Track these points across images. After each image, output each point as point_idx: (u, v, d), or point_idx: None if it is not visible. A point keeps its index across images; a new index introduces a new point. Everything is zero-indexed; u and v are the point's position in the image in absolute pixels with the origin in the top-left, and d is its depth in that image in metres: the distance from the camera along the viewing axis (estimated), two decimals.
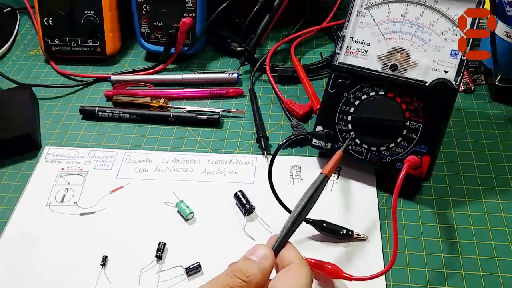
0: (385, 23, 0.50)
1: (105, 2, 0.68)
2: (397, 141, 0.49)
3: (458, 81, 0.47)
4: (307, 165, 0.54)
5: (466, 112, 0.59)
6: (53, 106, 0.65)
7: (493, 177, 0.51)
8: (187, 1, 0.66)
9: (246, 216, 0.49)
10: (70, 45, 0.70)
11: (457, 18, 0.47)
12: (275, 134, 0.58)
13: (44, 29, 0.70)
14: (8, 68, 0.72)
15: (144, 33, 0.69)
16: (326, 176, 0.42)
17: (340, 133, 0.52)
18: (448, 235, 0.47)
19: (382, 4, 0.50)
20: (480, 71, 0.63)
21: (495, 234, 0.46)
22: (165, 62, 0.69)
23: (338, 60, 0.52)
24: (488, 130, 0.57)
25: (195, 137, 0.59)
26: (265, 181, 0.48)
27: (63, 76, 0.70)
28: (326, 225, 0.47)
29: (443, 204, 0.49)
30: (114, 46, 0.71)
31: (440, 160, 0.53)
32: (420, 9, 0.49)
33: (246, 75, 0.67)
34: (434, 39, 0.48)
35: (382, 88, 0.50)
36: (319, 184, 0.41)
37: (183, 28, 0.66)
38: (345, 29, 0.51)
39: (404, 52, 0.49)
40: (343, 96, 0.51)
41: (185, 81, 0.66)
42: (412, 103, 0.48)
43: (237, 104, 0.63)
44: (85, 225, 0.50)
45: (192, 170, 0.54)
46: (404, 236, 0.47)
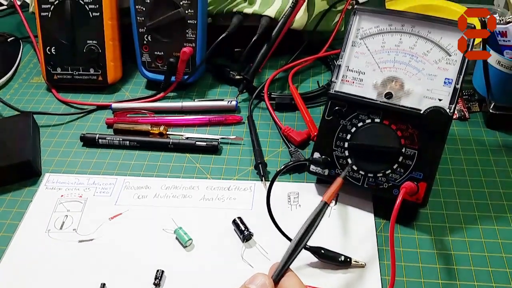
0: (380, 53, 0.51)
1: (107, 32, 0.70)
2: (394, 168, 0.50)
3: (452, 109, 0.48)
4: (305, 191, 0.55)
5: (462, 139, 0.60)
6: (54, 134, 0.65)
7: (489, 203, 0.52)
8: (188, 31, 0.68)
9: (244, 242, 0.50)
10: (72, 73, 0.72)
11: (450, 48, 0.49)
12: (273, 160, 0.59)
13: (46, 58, 0.72)
14: (10, 95, 0.73)
15: (145, 62, 0.71)
16: (326, 203, 0.42)
17: (337, 160, 0.52)
18: (445, 261, 0.47)
19: (376, 35, 0.51)
20: (474, 98, 0.65)
21: (493, 260, 0.46)
22: (165, 90, 0.70)
23: (334, 88, 0.53)
24: (483, 157, 0.57)
25: (194, 164, 0.59)
26: (263, 207, 0.48)
27: (65, 104, 0.71)
28: (324, 252, 0.47)
29: (440, 230, 0.50)
30: (115, 74, 0.72)
31: (436, 187, 0.53)
32: (413, 39, 0.50)
33: (245, 102, 0.69)
34: (427, 68, 0.49)
35: (378, 115, 0.51)
36: (319, 211, 0.41)
37: (184, 57, 0.68)
38: (341, 58, 0.53)
39: (398, 81, 0.50)
40: (340, 123, 0.52)
41: (185, 109, 0.67)
42: (407, 130, 0.49)
43: (236, 131, 0.64)
44: (84, 252, 0.50)
45: (191, 197, 0.55)
46: (402, 263, 0.47)
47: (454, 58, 0.48)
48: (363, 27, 0.52)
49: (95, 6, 0.69)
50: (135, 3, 0.68)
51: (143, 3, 0.68)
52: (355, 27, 0.52)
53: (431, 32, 0.49)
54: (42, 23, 0.70)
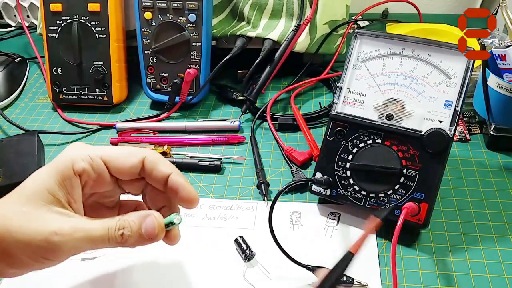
0: (380, 75, 0.52)
1: (113, 54, 0.71)
2: (395, 188, 0.50)
3: (452, 131, 0.49)
4: (307, 211, 0.55)
5: (463, 160, 0.60)
6: (59, 152, 0.64)
7: (491, 224, 0.52)
8: (192, 53, 0.69)
9: (246, 262, 0.50)
10: (77, 93, 0.73)
11: (450, 70, 0.50)
12: (276, 180, 0.59)
13: (52, 78, 0.73)
14: (16, 114, 0.74)
15: (150, 83, 0.72)
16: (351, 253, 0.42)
17: (339, 180, 0.53)
18: (447, 282, 0.47)
19: (377, 58, 0.53)
20: (475, 120, 0.65)
21: (494, 282, 0.46)
22: (169, 111, 0.71)
23: (336, 109, 0.54)
24: (484, 178, 0.58)
25: (197, 183, 0.60)
26: (265, 227, 0.48)
27: (70, 123, 0.72)
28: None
29: (442, 251, 0.50)
30: (120, 95, 0.73)
31: (438, 208, 0.54)
32: (414, 63, 0.51)
33: (248, 123, 0.69)
34: (428, 91, 0.50)
35: (379, 136, 0.51)
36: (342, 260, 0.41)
37: (188, 78, 0.69)
38: (342, 80, 0.54)
39: (399, 103, 0.51)
40: (342, 144, 0.53)
41: (189, 129, 0.68)
42: (408, 151, 0.50)
43: (239, 151, 0.65)
44: (86, 270, 0.50)
45: (193, 216, 0.55)
46: (404, 284, 0.47)
47: (454, 81, 0.49)
48: (364, 50, 0.53)
49: (101, 28, 0.70)
50: (141, 26, 0.69)
51: (149, 25, 0.69)
52: (356, 50, 0.53)
53: (431, 56, 0.50)
54: (49, 44, 0.72)
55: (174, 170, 0.39)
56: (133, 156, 0.38)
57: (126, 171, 0.38)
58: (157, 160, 0.38)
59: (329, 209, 0.55)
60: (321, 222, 0.53)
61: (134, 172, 0.38)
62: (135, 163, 0.38)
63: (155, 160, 0.38)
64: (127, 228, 0.36)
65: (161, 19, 0.68)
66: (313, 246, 0.51)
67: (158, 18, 0.69)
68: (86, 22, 0.70)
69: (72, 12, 0.70)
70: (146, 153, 0.38)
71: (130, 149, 0.39)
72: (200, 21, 0.67)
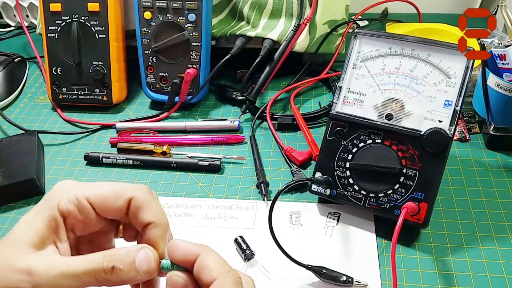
0: (380, 75, 0.52)
1: (113, 54, 0.71)
2: (395, 188, 0.50)
3: (452, 130, 0.49)
4: (306, 211, 0.55)
5: (462, 160, 0.61)
6: (58, 152, 0.66)
7: (490, 224, 0.52)
8: (192, 53, 0.69)
9: (246, 261, 0.50)
10: (77, 93, 0.73)
11: (449, 70, 0.50)
12: (275, 180, 0.59)
13: (52, 78, 0.73)
14: (15, 114, 0.74)
15: (149, 83, 0.72)
16: None
17: (338, 180, 0.53)
18: (447, 282, 0.47)
19: (376, 58, 0.53)
20: (474, 120, 0.65)
21: (494, 281, 0.46)
22: (169, 110, 0.71)
23: (335, 109, 0.54)
24: (484, 178, 0.58)
25: (197, 183, 0.60)
26: (265, 227, 0.48)
27: (69, 123, 0.72)
28: (326, 272, 0.47)
29: (442, 250, 0.50)
30: (120, 95, 0.73)
31: (438, 207, 0.54)
32: (413, 62, 0.51)
33: (247, 122, 0.69)
34: (427, 90, 0.50)
35: (379, 136, 0.51)
36: None
37: (188, 78, 0.69)
38: (342, 80, 0.54)
39: (398, 103, 0.51)
40: (341, 143, 0.53)
41: (188, 129, 0.68)
42: (408, 151, 0.50)
43: (238, 150, 0.65)
44: None
45: (193, 215, 0.55)
46: (403, 283, 0.47)
47: (453, 81, 0.49)
48: (364, 50, 0.53)
49: (101, 28, 0.70)
50: (141, 26, 0.69)
51: (149, 25, 0.69)
52: (356, 50, 0.54)
53: (430, 55, 0.50)
54: (48, 44, 0.72)
55: (157, 219, 0.36)
56: (120, 199, 0.36)
57: (111, 214, 0.36)
58: (141, 205, 0.36)
59: (329, 208, 0.55)
60: (321, 222, 0.53)
61: (120, 215, 0.37)
62: (121, 207, 0.35)
63: (140, 204, 0.36)
64: (118, 262, 0.32)
65: (160, 19, 0.68)
66: (313, 245, 0.51)
67: (157, 18, 0.69)
68: (85, 22, 0.70)
69: (71, 12, 0.70)
70: (134, 195, 0.35)
71: (119, 188, 0.36)
72: (200, 21, 0.67)
